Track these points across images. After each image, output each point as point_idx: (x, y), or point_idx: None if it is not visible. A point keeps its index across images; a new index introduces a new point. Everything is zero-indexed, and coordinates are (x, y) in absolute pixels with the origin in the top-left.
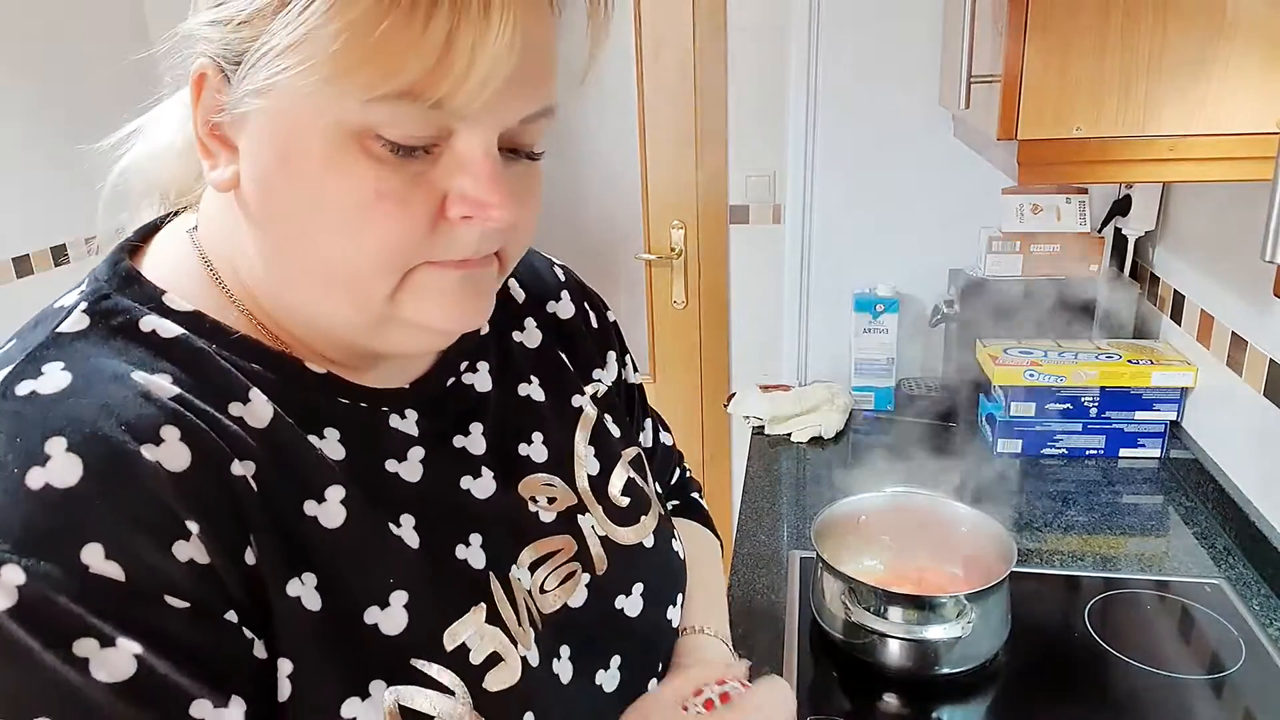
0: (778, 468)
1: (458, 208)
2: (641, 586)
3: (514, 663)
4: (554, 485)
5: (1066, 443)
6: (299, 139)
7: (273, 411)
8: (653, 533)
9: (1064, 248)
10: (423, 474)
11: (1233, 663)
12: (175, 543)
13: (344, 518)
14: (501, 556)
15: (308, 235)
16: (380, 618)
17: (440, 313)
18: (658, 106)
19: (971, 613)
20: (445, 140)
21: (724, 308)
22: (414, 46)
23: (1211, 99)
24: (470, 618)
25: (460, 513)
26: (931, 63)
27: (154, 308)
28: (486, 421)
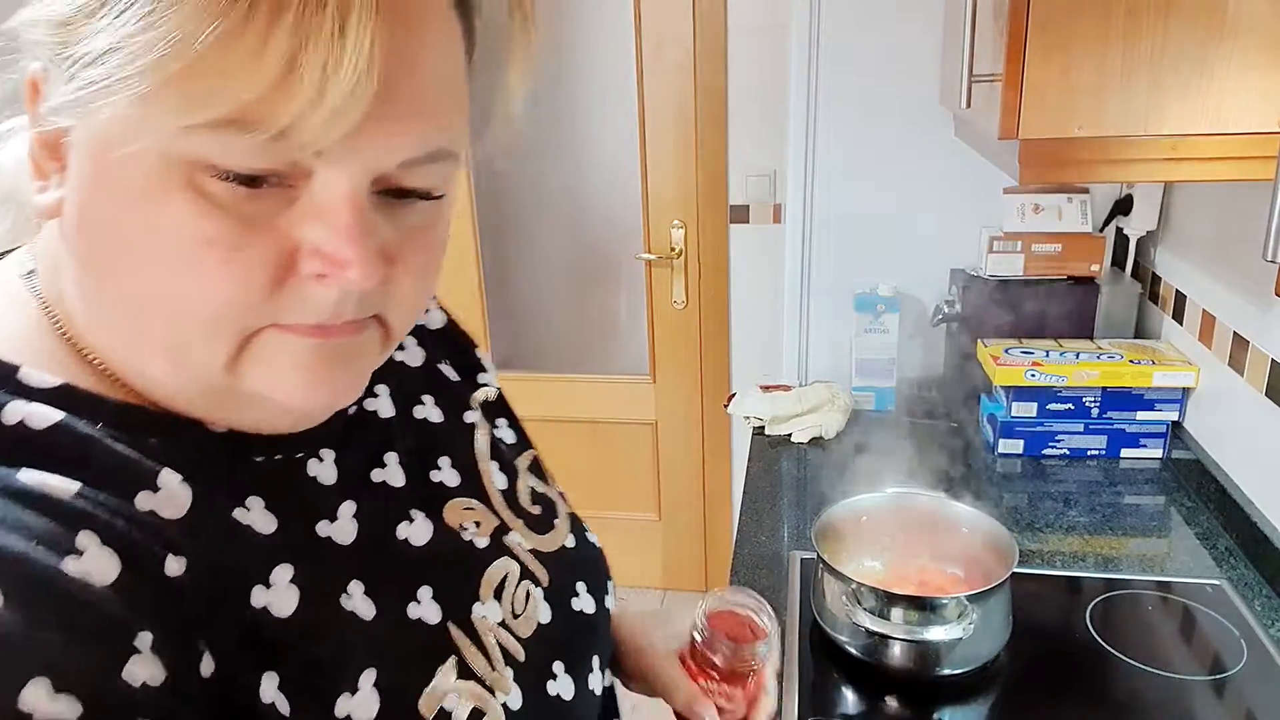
0: (778, 468)
1: (310, 263)
2: (584, 585)
3: (495, 714)
4: (474, 508)
5: (1068, 443)
6: (117, 164)
7: (189, 494)
8: (570, 532)
9: (1065, 247)
10: (358, 531)
11: (1234, 664)
12: (127, 662)
13: (296, 601)
14: (457, 602)
15: (124, 283)
16: (352, 706)
17: (291, 387)
18: (658, 106)
19: (973, 614)
20: (302, 180)
21: (724, 308)
22: (245, 66)
23: (1213, 98)
24: (440, 679)
25: (403, 567)
26: (932, 62)
27: (11, 390)
28: (398, 450)
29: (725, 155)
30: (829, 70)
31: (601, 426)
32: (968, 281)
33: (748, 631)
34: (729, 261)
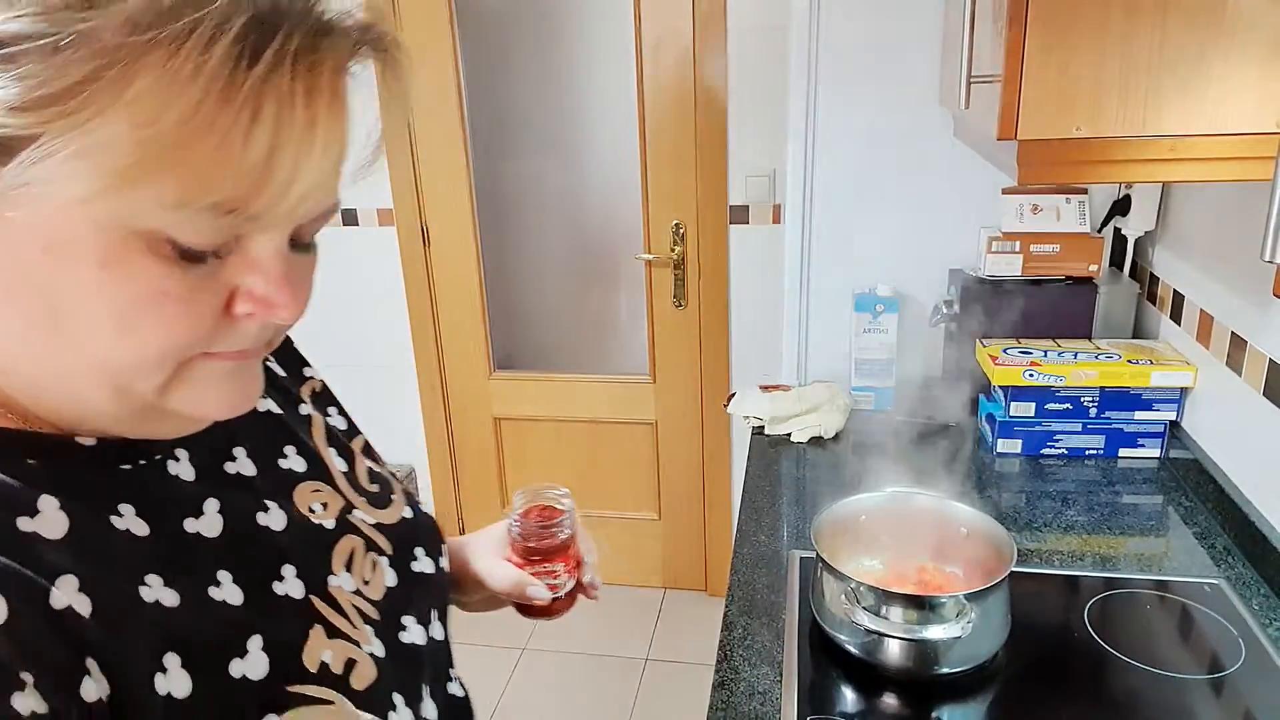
0: (778, 468)
1: (245, 305)
2: (422, 550)
3: (366, 663)
4: (321, 490)
5: (1066, 443)
6: (71, 234)
7: (66, 519)
8: (406, 505)
9: (1064, 248)
10: (223, 526)
11: (1232, 663)
12: (14, 695)
13: (179, 597)
14: (315, 577)
15: (75, 329)
16: (245, 667)
17: (214, 403)
18: (658, 106)
19: (971, 613)
20: (236, 243)
21: (724, 308)
22: (231, 163)
23: (1212, 99)
24: (313, 642)
25: (267, 552)
26: (931, 63)
27: None
28: (245, 442)
29: (725, 155)
30: (829, 71)
31: (601, 426)
32: (966, 282)
33: (551, 514)
34: (729, 261)
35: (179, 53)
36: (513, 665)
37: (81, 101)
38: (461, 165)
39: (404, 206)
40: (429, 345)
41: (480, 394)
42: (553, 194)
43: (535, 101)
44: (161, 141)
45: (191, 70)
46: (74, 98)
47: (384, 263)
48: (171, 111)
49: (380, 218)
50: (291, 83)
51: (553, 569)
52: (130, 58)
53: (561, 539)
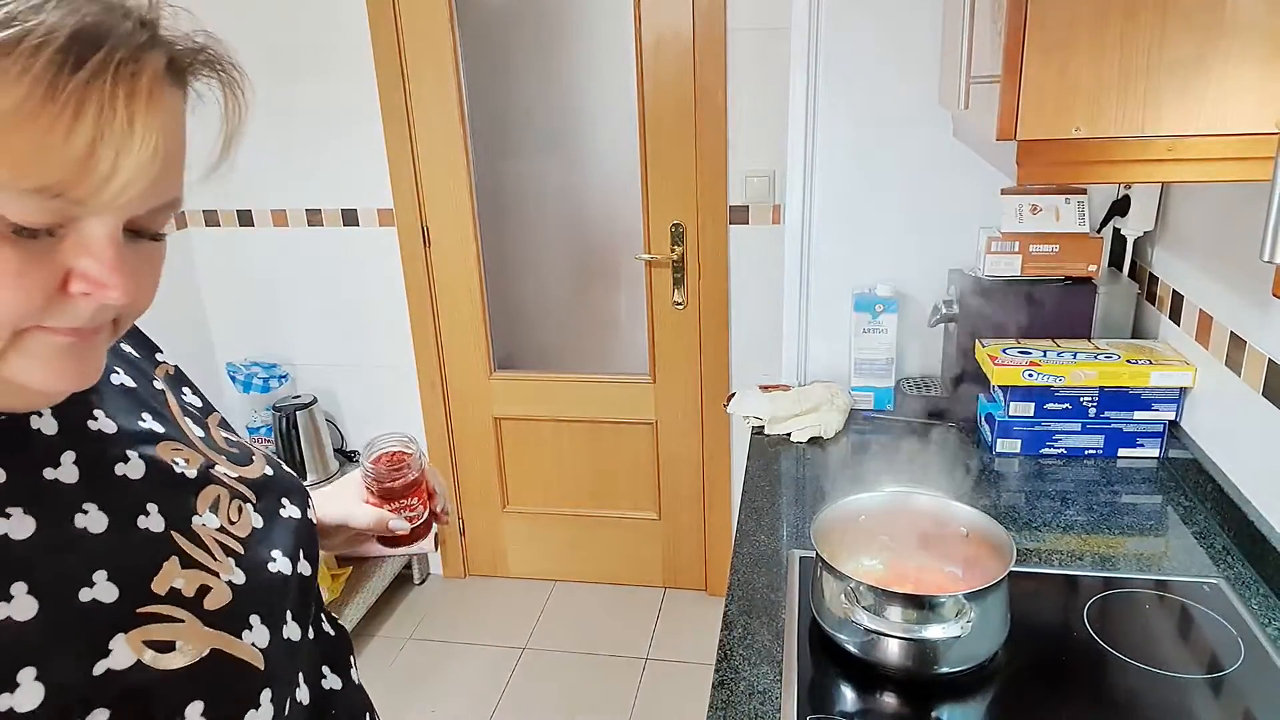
0: (777, 468)
1: (79, 285)
2: (288, 500)
3: (220, 588)
4: (181, 449)
5: (1065, 442)
6: None
7: None
8: (267, 465)
9: (1063, 248)
10: (79, 474)
11: (1231, 662)
12: None
13: (32, 528)
14: (178, 515)
15: None
16: (95, 594)
17: (45, 376)
18: (658, 106)
19: (971, 612)
20: (70, 223)
21: (724, 308)
22: (54, 151)
23: (1211, 99)
24: (166, 570)
25: (127, 493)
26: (931, 63)
27: None
28: (103, 407)
29: (725, 155)
30: (829, 70)
31: (601, 426)
32: (966, 282)
33: (398, 456)
34: (729, 261)
35: (8, 56)
36: (513, 665)
37: None
38: (461, 165)
39: (404, 206)
40: (429, 345)
41: (480, 394)
42: (553, 194)
43: (535, 101)
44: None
45: (18, 71)
46: None
47: (384, 263)
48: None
49: (380, 218)
50: (113, 88)
51: (410, 503)
52: None
53: (412, 478)
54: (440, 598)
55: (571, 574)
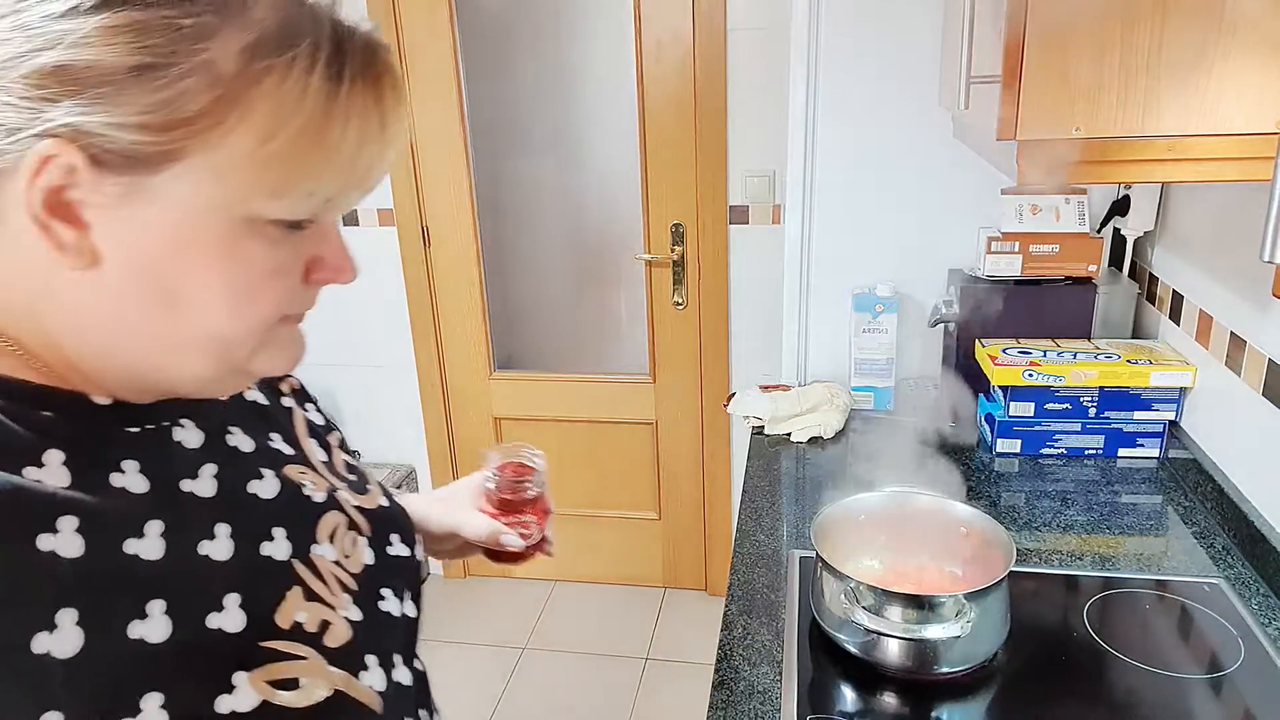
0: (778, 467)
1: (321, 273)
2: (397, 536)
3: (340, 624)
4: (306, 472)
5: (1065, 442)
6: (197, 227)
7: (68, 475)
8: (382, 494)
9: (1063, 248)
10: (217, 488)
11: (1231, 662)
12: None
13: (164, 549)
14: (300, 543)
15: (197, 309)
16: (222, 621)
17: (284, 361)
18: (658, 106)
19: (971, 612)
20: (316, 217)
21: (724, 308)
22: (330, 162)
23: (1211, 99)
24: (289, 602)
25: (257, 514)
26: (931, 63)
27: None
28: (239, 423)
29: (725, 155)
30: (829, 70)
31: (601, 426)
32: (966, 282)
33: (524, 469)
34: (729, 261)
35: (287, 78)
36: (513, 665)
37: (210, 123)
38: (461, 165)
39: (404, 206)
40: (429, 345)
41: (480, 394)
42: (553, 194)
43: (535, 101)
44: (279, 153)
45: (299, 92)
46: (203, 119)
47: (384, 263)
48: (288, 128)
49: (380, 218)
50: (364, 91)
51: (525, 520)
52: (246, 84)
53: (533, 494)
54: (440, 598)
55: (571, 574)
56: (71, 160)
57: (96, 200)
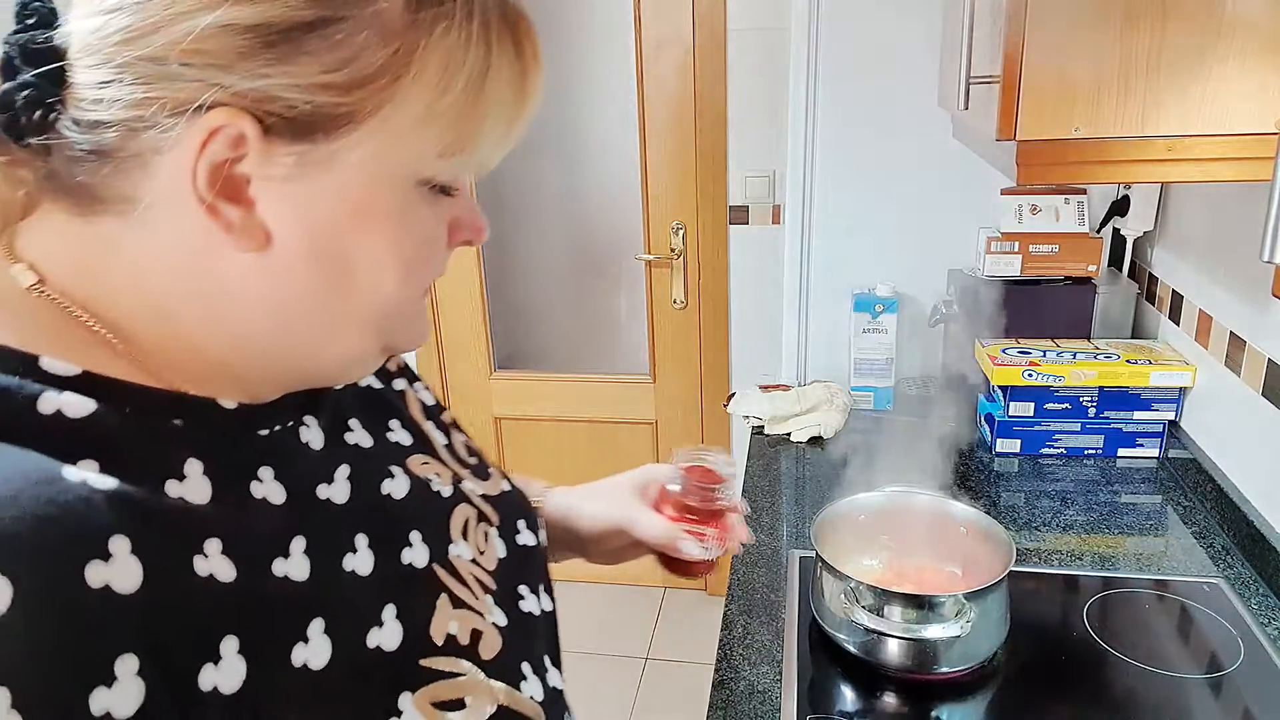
0: (777, 467)
1: (461, 234)
2: (523, 522)
3: (490, 632)
4: (429, 463)
5: (1065, 442)
6: (376, 196)
7: (212, 478)
8: (503, 478)
9: (1062, 248)
10: (350, 491)
11: (1231, 662)
12: (97, 689)
13: (309, 567)
14: (438, 545)
15: (367, 282)
16: (381, 637)
17: (422, 332)
18: (658, 106)
19: (970, 612)
20: None
21: (724, 308)
22: (488, 115)
23: (1210, 99)
24: (440, 612)
25: (392, 517)
26: (931, 63)
27: (37, 379)
28: (356, 415)
29: (725, 155)
30: (829, 70)
31: (601, 426)
32: (965, 282)
33: (714, 477)
34: (729, 261)
35: (452, 28)
36: None
37: (389, 79)
38: None
39: None
40: (429, 345)
41: (481, 393)
42: (553, 194)
43: None
44: (453, 106)
45: (464, 42)
46: (383, 75)
47: None
48: (459, 79)
49: None
50: (509, 40)
51: (704, 532)
52: (418, 35)
53: (720, 505)
54: None
55: (572, 573)
56: (242, 130)
57: (267, 173)
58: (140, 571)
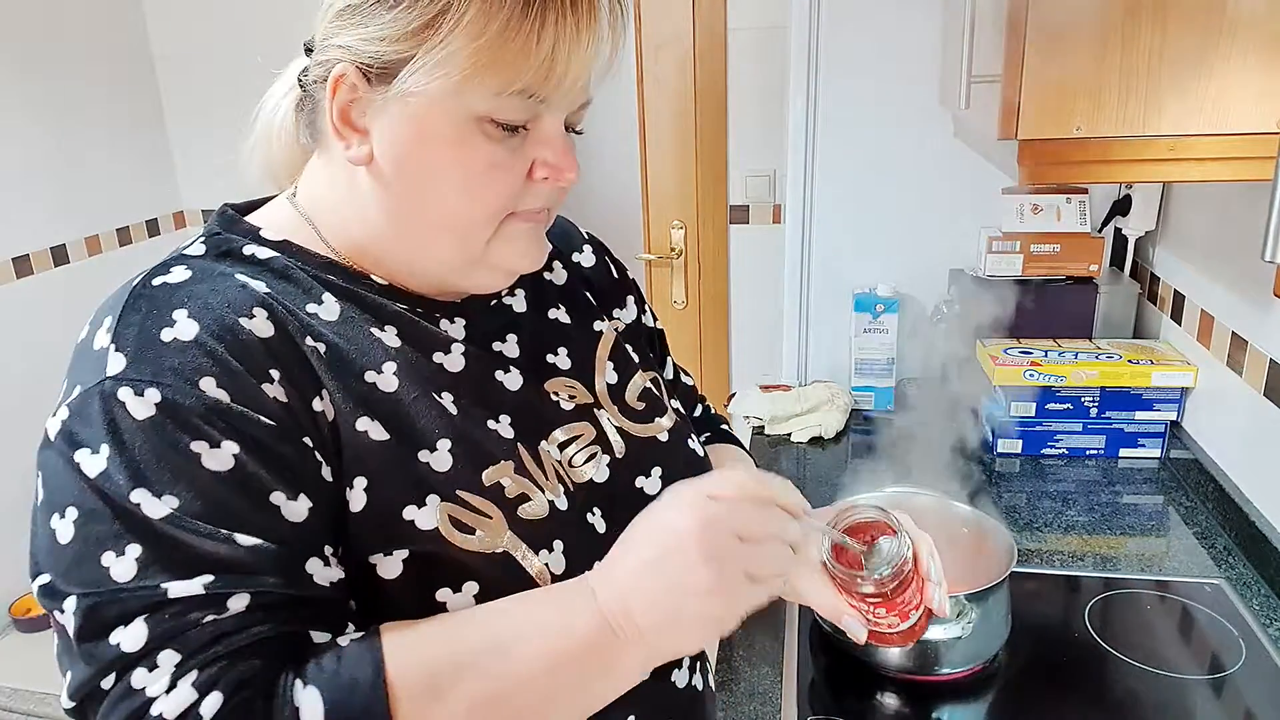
0: (778, 468)
1: (542, 171)
2: (660, 470)
3: (541, 502)
4: (575, 387)
5: (1066, 443)
6: (434, 125)
7: (339, 309)
8: (667, 430)
9: (1064, 248)
10: (464, 365)
11: (1233, 663)
12: (264, 383)
13: (396, 385)
14: (529, 432)
15: (435, 195)
16: (431, 459)
17: (519, 256)
18: (658, 106)
19: (972, 613)
20: (534, 122)
21: (724, 308)
22: (530, 56)
23: (1212, 98)
24: (501, 467)
25: (492, 397)
26: (931, 63)
27: (253, 239)
28: (521, 334)
29: (725, 155)
30: (829, 70)
31: None
32: (966, 282)
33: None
34: (729, 261)
35: None
36: None
37: (437, 29)
38: None
39: None
40: None
41: None
42: None
43: None
44: (487, 48)
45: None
46: (432, 27)
47: None
48: (492, 26)
49: None
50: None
51: (875, 612)
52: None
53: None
54: None
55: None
56: (353, 80)
57: (368, 109)
58: (272, 329)
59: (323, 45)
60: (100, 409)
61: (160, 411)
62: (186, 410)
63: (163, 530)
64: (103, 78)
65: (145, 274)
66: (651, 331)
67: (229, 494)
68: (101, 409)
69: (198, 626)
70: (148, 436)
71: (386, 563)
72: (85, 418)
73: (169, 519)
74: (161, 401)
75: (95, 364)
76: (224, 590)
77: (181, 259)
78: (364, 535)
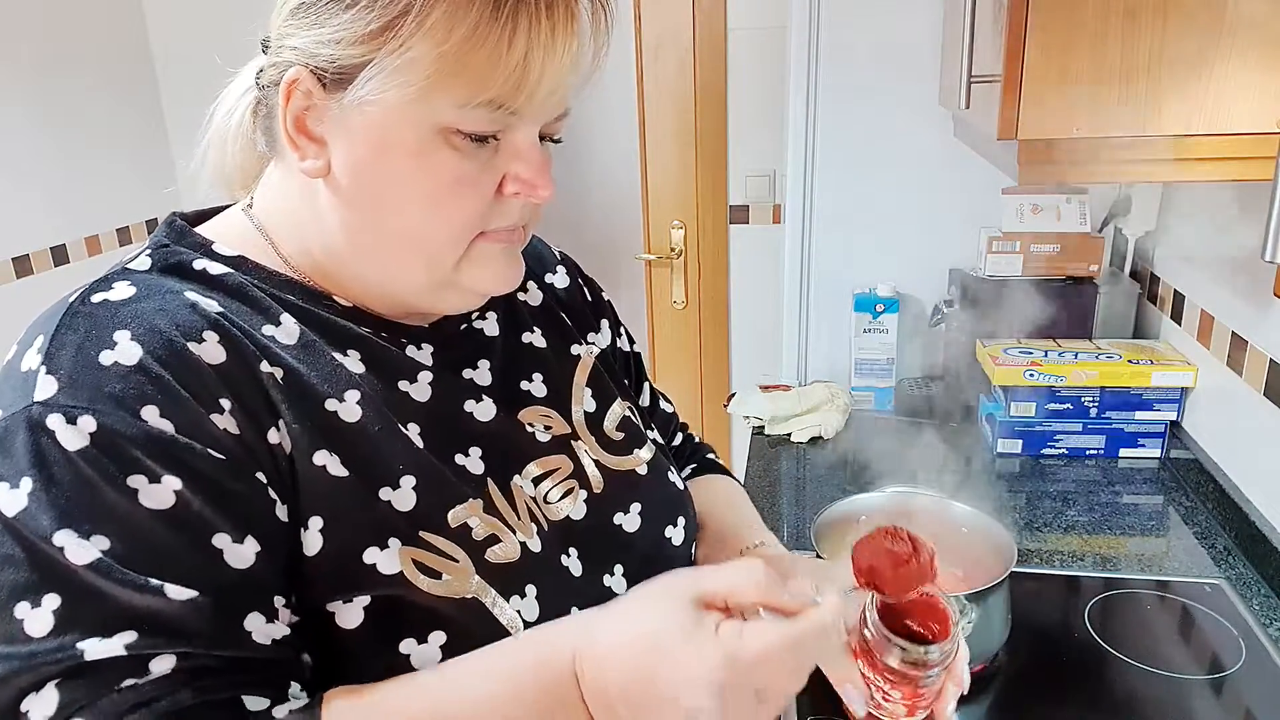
0: (778, 468)
1: (513, 186)
2: (639, 506)
3: (512, 544)
4: (550, 416)
5: (1066, 443)
6: (394, 135)
7: (299, 332)
8: (646, 463)
9: (1064, 248)
10: (430, 395)
11: (1233, 663)
12: (213, 413)
13: (359, 415)
14: (501, 467)
15: (396, 212)
16: (393, 496)
17: (491, 278)
18: (658, 106)
19: (971, 613)
20: (505, 133)
21: (724, 308)
22: (498, 67)
23: (1212, 99)
24: (468, 507)
25: (461, 429)
26: (931, 63)
27: (204, 253)
28: (493, 360)
29: (725, 155)
30: (829, 70)
31: None
32: (966, 282)
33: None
34: (729, 261)
35: None
36: None
37: (396, 32)
38: None
39: None
40: None
41: None
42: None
43: None
44: (452, 54)
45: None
46: (392, 30)
47: None
48: (458, 31)
49: None
50: (536, 1)
51: (890, 693)
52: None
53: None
54: None
55: None
56: (307, 83)
57: (324, 117)
58: (224, 354)
59: (277, 46)
60: (25, 438)
61: (95, 442)
62: (125, 441)
63: (85, 580)
64: (103, 78)
65: (84, 289)
66: (628, 356)
67: (166, 535)
68: (27, 438)
69: (115, 692)
70: (78, 470)
71: (346, 610)
72: (5, 448)
73: (94, 565)
74: (97, 430)
75: (21, 387)
76: (147, 651)
77: (125, 273)
78: (321, 581)
